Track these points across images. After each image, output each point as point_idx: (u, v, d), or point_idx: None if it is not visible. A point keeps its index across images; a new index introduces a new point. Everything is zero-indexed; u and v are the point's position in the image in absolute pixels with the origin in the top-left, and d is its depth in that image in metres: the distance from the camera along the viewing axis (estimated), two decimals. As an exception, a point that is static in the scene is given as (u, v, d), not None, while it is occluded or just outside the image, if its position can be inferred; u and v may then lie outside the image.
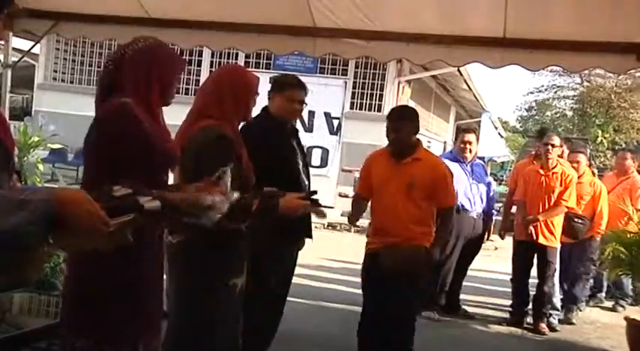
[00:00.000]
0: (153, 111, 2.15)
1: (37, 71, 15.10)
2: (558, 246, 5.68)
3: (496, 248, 10.83)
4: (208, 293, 2.61)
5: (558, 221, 5.66)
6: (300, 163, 3.55)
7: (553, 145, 5.62)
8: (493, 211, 6.26)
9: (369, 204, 3.95)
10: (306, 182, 3.53)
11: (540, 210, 5.59)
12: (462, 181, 5.59)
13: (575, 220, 5.91)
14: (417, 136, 3.82)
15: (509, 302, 6.08)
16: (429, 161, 3.81)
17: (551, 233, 5.62)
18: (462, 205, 5.60)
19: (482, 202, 5.82)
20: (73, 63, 15.13)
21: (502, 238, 6.37)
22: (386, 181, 3.76)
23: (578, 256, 6.12)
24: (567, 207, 5.66)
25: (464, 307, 6.05)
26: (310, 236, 3.67)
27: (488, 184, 6.03)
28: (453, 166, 5.32)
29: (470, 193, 5.75)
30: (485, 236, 6.11)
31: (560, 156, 5.89)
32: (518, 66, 4.42)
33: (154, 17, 4.76)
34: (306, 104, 3.59)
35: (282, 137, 3.49)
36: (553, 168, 5.64)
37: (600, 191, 6.19)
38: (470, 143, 5.72)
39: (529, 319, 5.78)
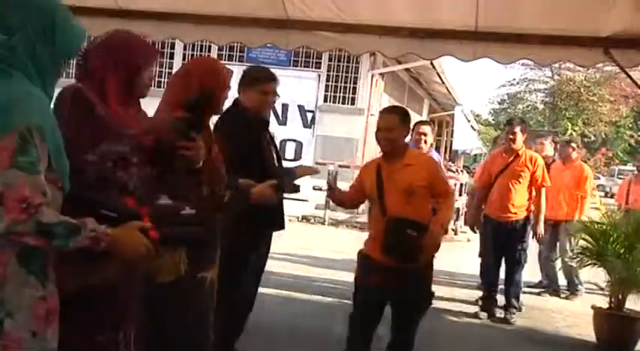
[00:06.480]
0: (109, 100, 2.13)
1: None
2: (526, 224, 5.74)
3: (469, 240, 10.97)
4: (175, 286, 2.58)
5: (519, 197, 5.71)
6: (273, 157, 3.54)
7: (516, 133, 5.73)
8: None
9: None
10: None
11: (511, 194, 5.69)
12: None
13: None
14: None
15: (480, 293, 6.18)
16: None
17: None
18: None
19: None
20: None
21: (474, 232, 6.44)
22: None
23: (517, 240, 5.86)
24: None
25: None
26: (283, 227, 3.69)
27: None
28: None
29: None
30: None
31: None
32: (490, 59, 4.47)
33: (124, 9, 4.70)
34: (279, 95, 3.58)
35: (254, 131, 3.47)
36: (518, 152, 5.73)
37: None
38: (425, 134, 5.76)
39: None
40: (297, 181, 3.49)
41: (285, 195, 3.53)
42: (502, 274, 5.91)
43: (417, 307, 3.68)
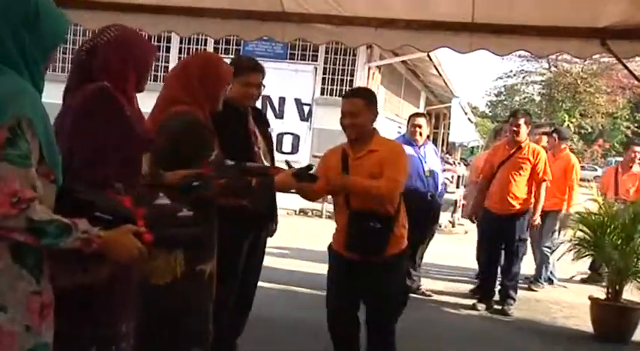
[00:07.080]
0: (129, 97, 2.15)
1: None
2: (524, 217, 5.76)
3: (466, 232, 10.99)
4: (173, 284, 2.58)
5: (518, 189, 5.73)
6: (261, 149, 3.45)
7: (519, 124, 5.70)
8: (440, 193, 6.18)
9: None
10: None
11: (511, 186, 5.68)
12: (414, 163, 5.53)
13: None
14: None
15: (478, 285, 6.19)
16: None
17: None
18: (416, 187, 5.51)
19: (435, 184, 5.84)
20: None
21: (473, 222, 6.46)
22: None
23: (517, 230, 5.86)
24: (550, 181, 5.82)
25: (422, 288, 6.09)
26: (275, 222, 3.68)
27: (441, 170, 6.10)
28: (406, 150, 5.30)
29: (423, 175, 5.72)
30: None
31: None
32: (486, 51, 4.46)
33: (119, 2, 4.68)
34: (264, 86, 3.46)
35: (238, 123, 3.36)
36: (521, 144, 5.71)
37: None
38: (420, 127, 5.73)
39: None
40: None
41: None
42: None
43: (385, 303, 3.47)
